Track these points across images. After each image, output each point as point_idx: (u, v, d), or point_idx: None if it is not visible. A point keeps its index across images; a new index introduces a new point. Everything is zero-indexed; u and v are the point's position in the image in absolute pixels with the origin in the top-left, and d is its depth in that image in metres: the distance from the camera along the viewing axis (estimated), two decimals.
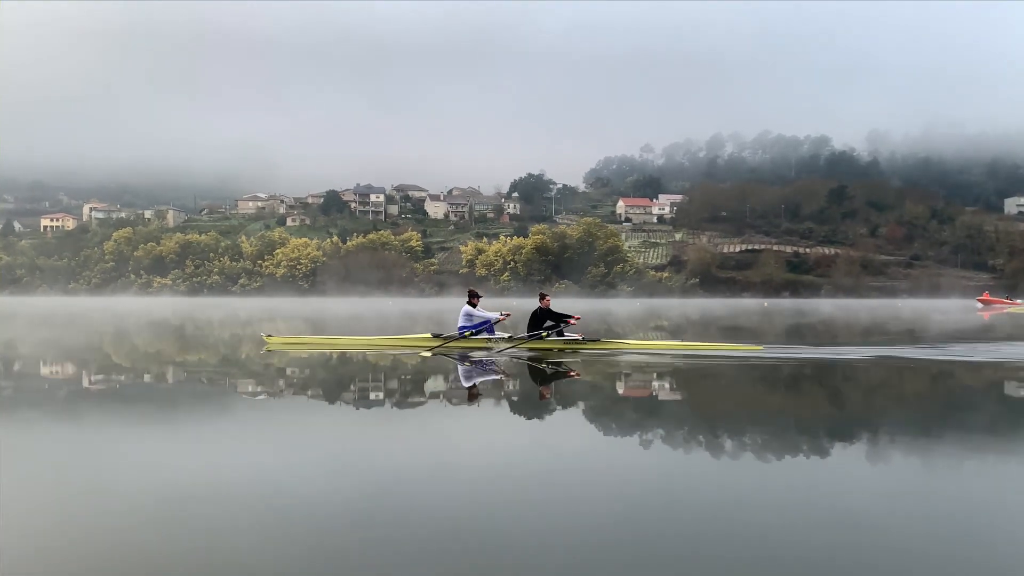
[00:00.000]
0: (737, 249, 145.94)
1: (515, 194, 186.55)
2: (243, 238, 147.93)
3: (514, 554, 4.26)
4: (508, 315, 17.67)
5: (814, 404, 10.41)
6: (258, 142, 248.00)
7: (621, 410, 9.65)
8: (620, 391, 11.56)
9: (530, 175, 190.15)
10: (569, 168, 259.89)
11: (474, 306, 17.30)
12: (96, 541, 4.44)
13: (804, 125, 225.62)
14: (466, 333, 16.96)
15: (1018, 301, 73.22)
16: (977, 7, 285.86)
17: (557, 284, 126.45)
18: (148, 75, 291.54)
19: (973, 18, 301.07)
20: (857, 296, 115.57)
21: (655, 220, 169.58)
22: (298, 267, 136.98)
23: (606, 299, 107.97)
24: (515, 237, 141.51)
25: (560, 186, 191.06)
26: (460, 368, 13.87)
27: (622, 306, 68.62)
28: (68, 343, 21.66)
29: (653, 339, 18.97)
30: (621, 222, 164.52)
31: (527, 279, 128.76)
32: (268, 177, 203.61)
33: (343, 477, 5.94)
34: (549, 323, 16.67)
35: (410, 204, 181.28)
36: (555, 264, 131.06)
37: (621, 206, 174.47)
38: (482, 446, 7.37)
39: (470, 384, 12.03)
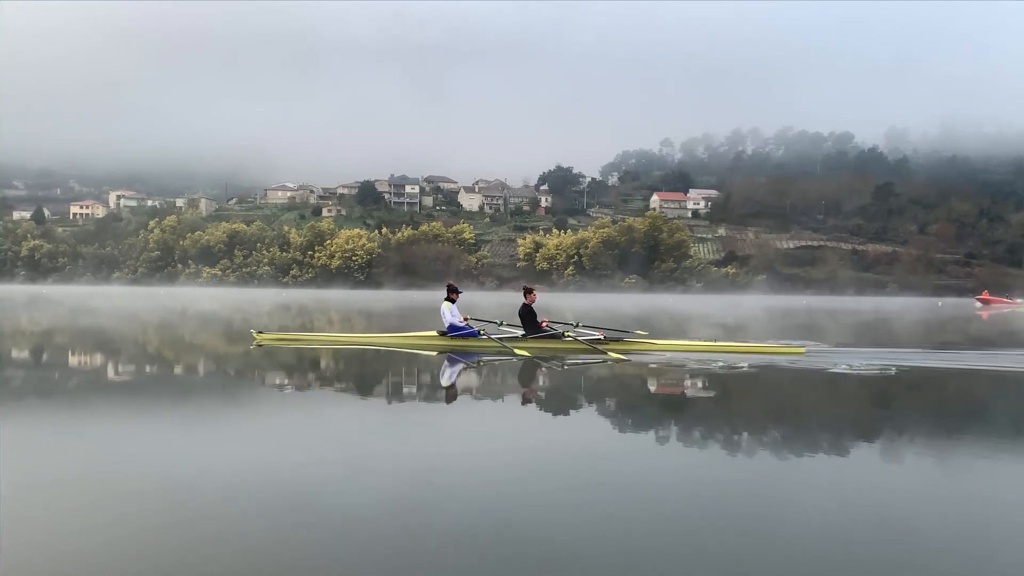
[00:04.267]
0: (791, 245, 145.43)
1: (543, 187, 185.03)
2: (290, 228, 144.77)
3: (537, 549, 4.22)
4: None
5: (856, 410, 9.72)
6: (266, 135, 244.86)
7: (642, 409, 9.53)
8: (642, 391, 11.28)
9: (559, 167, 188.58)
10: (586, 161, 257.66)
11: (453, 302, 15.75)
12: (109, 537, 4.34)
13: (822, 122, 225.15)
14: (454, 336, 15.55)
15: (1018, 301, 73.42)
16: (992, 7, 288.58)
17: (626, 279, 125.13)
18: (165, 67, 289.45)
19: (988, 18, 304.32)
20: (924, 294, 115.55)
21: (689, 215, 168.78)
22: (353, 259, 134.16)
23: (680, 295, 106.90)
24: (566, 231, 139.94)
25: (589, 179, 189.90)
26: (449, 366, 13.26)
27: (727, 304, 66.83)
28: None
29: (684, 338, 17.56)
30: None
31: (593, 273, 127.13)
32: (275, 168, 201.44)
33: (356, 472, 5.90)
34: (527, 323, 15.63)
35: (441, 195, 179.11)
36: (621, 258, 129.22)
37: (655, 200, 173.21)
38: (495, 443, 7.25)
39: (456, 380, 11.68)
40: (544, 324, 15.54)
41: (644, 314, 37.07)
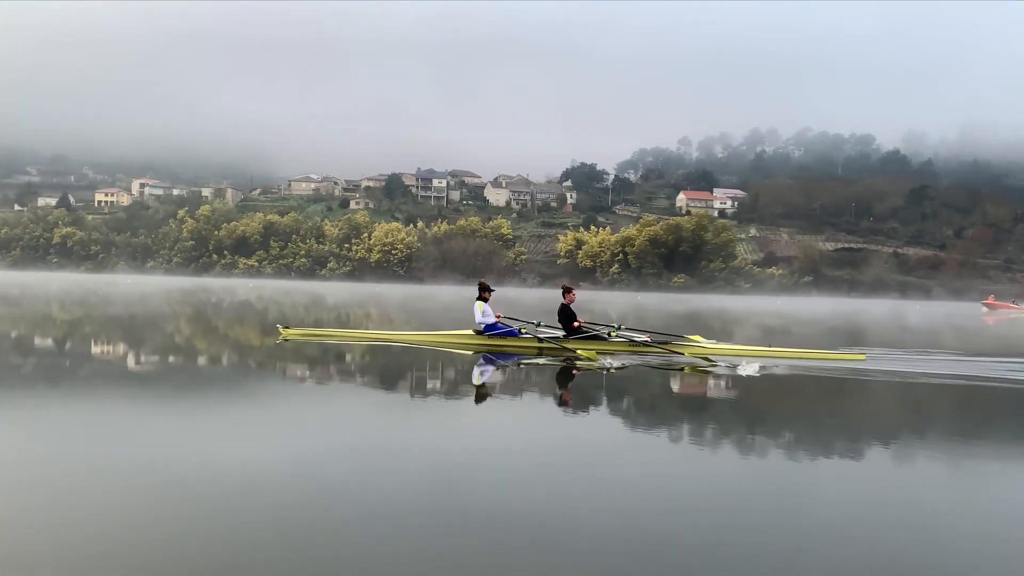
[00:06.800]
0: (828, 247, 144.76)
1: (567, 183, 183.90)
2: (323, 220, 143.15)
3: (560, 544, 4.25)
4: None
5: (911, 421, 9.41)
6: (283, 126, 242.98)
7: (682, 413, 9.35)
8: (682, 394, 11.04)
9: (583, 164, 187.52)
10: (602, 158, 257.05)
11: (485, 301, 15.11)
12: (116, 528, 4.29)
13: (840, 124, 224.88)
14: (491, 335, 15.01)
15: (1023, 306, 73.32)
16: (1013, 11, 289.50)
17: (675, 278, 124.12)
18: (182, 57, 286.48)
19: (1006, 23, 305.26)
20: (972, 300, 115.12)
21: (716, 214, 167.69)
22: (393, 253, 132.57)
23: (733, 296, 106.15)
24: (605, 228, 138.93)
25: (613, 176, 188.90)
26: (484, 366, 12.95)
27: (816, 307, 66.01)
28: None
29: (735, 343, 16.87)
30: (682, 215, 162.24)
31: (639, 272, 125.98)
32: (291, 159, 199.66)
33: (382, 467, 5.87)
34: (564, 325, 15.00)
35: (466, 190, 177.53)
36: (667, 257, 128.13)
37: (682, 198, 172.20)
38: (522, 442, 7.19)
39: (492, 382, 11.24)
40: (577, 325, 14.89)
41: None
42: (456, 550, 4.11)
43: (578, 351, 13.95)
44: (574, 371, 12.49)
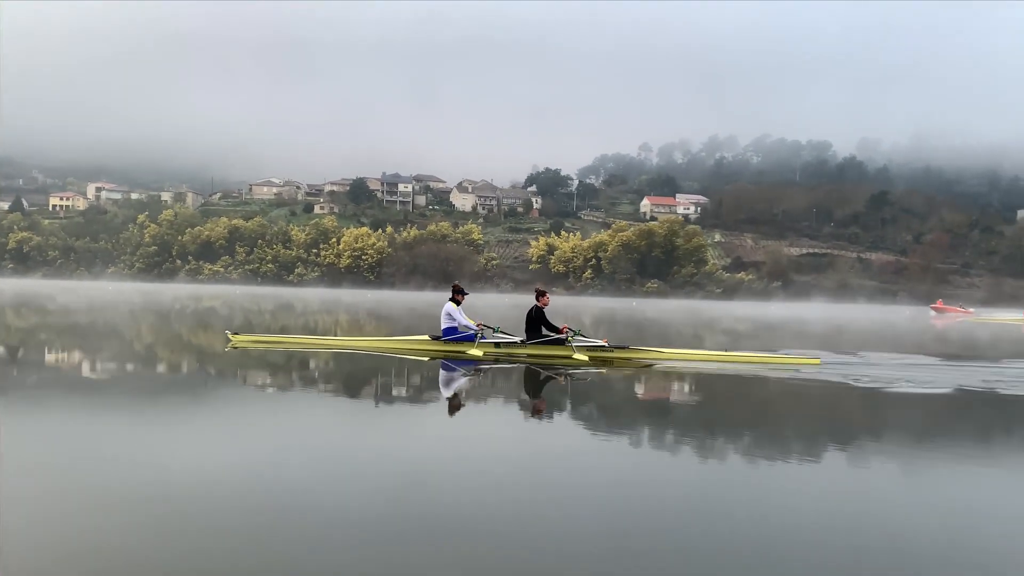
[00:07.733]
0: (793, 252, 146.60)
1: (531, 188, 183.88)
2: (289, 225, 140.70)
3: (523, 551, 4.27)
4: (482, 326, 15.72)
5: (857, 428, 9.53)
6: (242, 131, 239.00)
7: (636, 418, 9.53)
8: (637, 399, 11.17)
9: (547, 169, 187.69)
10: (563, 164, 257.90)
11: (458, 304, 15.10)
12: (84, 540, 4.24)
13: (797, 131, 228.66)
14: (448, 340, 15.01)
15: (971, 310, 77.66)
16: (960, 20, 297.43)
17: (648, 284, 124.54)
18: (137, 61, 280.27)
19: (956, 31, 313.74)
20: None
21: (681, 220, 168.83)
22: (363, 258, 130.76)
23: (716, 301, 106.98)
24: (575, 234, 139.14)
25: (577, 182, 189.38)
26: (443, 373, 13.06)
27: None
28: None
29: (690, 347, 17.35)
30: (647, 220, 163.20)
31: (613, 278, 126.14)
32: (252, 164, 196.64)
33: (336, 474, 5.91)
34: (546, 330, 15.09)
35: (431, 195, 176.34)
36: (640, 263, 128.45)
37: (646, 204, 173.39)
38: (480, 448, 7.26)
39: (456, 389, 11.39)
40: (564, 328, 14.89)
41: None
42: (419, 557, 4.12)
43: (536, 355, 14.25)
44: (558, 379, 12.49)
